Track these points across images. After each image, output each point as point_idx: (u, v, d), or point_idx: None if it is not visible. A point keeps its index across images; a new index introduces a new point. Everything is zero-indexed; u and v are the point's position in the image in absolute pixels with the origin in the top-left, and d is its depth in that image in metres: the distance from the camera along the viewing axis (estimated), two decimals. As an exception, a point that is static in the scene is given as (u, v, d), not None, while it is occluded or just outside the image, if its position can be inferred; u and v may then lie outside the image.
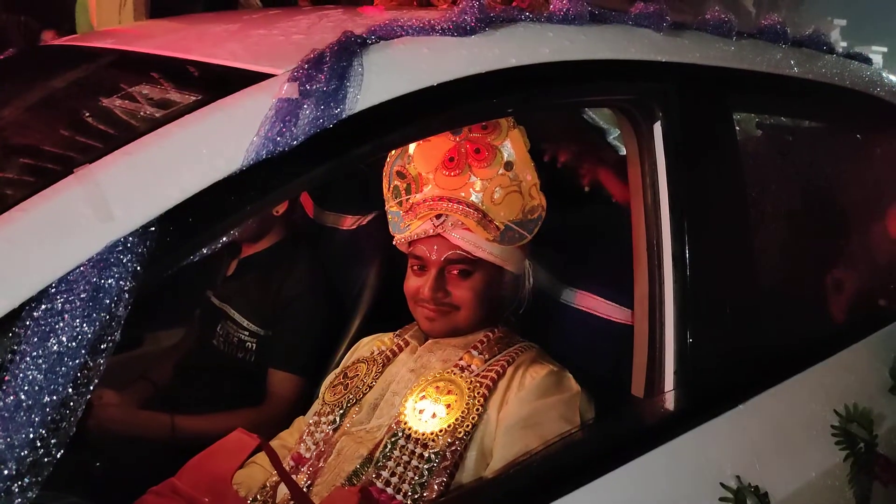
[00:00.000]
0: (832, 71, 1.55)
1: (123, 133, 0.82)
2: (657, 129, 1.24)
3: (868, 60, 1.68)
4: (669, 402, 1.19)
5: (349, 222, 2.07)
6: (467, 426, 1.29)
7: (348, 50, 0.91)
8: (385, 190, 1.52)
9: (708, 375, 1.22)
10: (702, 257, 1.23)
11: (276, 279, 1.91)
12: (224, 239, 0.81)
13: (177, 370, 2.02)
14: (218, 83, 0.92)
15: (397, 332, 1.58)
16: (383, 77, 0.93)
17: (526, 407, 1.31)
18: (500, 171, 1.40)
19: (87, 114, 0.93)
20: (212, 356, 1.95)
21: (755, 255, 1.31)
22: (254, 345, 1.90)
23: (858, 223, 1.59)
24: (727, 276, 1.27)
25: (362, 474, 1.31)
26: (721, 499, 1.14)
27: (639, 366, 1.26)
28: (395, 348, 1.53)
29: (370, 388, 1.46)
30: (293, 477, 1.32)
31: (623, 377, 1.39)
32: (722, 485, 1.15)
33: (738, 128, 1.32)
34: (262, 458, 1.49)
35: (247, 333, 1.91)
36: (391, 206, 1.51)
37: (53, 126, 0.99)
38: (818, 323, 1.51)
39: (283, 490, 1.38)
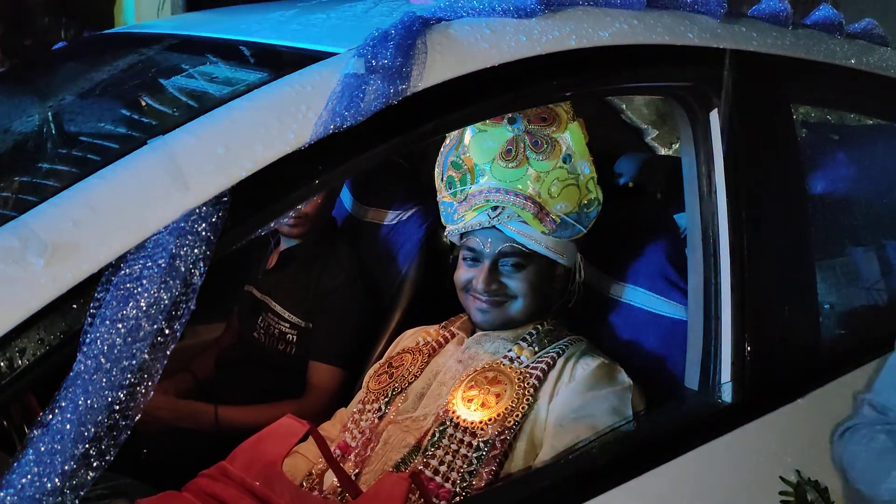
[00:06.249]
0: (889, 63, 1.51)
1: (194, 108, 0.82)
2: (714, 116, 1.22)
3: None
4: (727, 393, 1.17)
5: (389, 217, 2.07)
6: (517, 416, 1.27)
7: (412, 28, 0.91)
8: (437, 180, 1.51)
9: (766, 368, 1.20)
10: (760, 248, 1.21)
11: (315, 271, 1.92)
12: (291, 213, 0.81)
13: (218, 362, 2.03)
14: (283, 62, 0.92)
15: (442, 325, 1.57)
16: (446, 56, 0.93)
17: (577, 398, 1.29)
18: (559, 164, 1.38)
19: (158, 90, 0.94)
20: (253, 348, 1.96)
21: (813, 246, 1.28)
22: (294, 337, 1.90)
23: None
24: (786, 268, 1.24)
25: (410, 462, 1.30)
26: (781, 492, 1.11)
27: (693, 358, 1.24)
28: (441, 339, 1.52)
29: (416, 377, 1.45)
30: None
31: (672, 372, 1.37)
32: (782, 478, 1.12)
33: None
34: (305, 447, 1.49)
35: (287, 325, 1.91)
36: (444, 197, 1.49)
37: (127, 102, 1.00)
38: (878, 317, 1.47)
39: (328, 479, 1.38)
